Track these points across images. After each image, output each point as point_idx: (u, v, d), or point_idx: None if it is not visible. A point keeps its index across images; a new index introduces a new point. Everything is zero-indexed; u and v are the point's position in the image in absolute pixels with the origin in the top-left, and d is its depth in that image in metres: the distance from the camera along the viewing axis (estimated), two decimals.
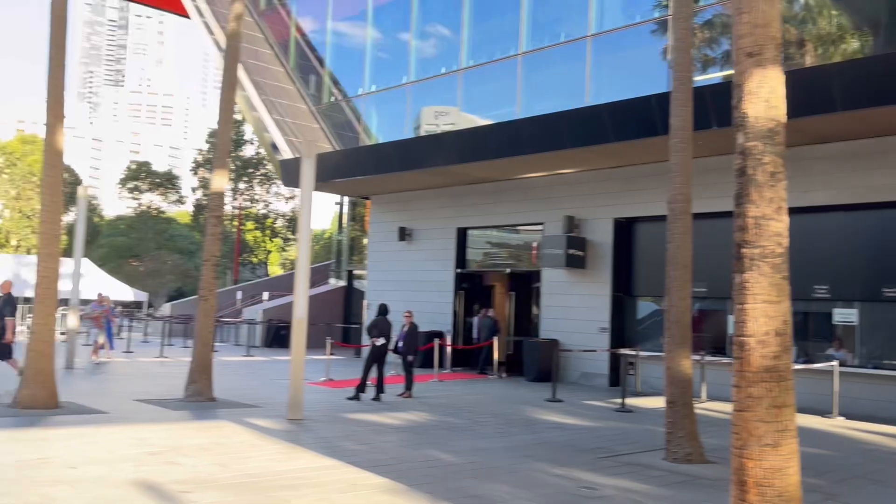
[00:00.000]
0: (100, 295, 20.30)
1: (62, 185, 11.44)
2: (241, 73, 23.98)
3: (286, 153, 23.82)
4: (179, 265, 50.11)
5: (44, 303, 11.01)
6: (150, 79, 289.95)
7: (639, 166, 16.88)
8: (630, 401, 14.06)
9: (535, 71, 19.15)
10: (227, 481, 7.00)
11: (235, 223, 52.68)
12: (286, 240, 55.41)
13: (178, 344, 26.88)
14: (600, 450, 9.50)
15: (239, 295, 35.98)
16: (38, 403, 10.70)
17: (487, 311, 20.32)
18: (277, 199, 54.44)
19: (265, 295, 34.28)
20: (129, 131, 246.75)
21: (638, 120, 14.72)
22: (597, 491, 7.29)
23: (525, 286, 20.53)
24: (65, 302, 32.95)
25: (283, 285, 38.51)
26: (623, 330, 17.61)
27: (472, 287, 21.84)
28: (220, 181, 13.27)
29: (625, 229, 17.72)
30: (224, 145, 13.45)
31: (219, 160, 13.32)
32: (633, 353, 15.98)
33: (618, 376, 17.28)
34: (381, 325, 13.85)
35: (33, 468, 7.16)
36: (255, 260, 55.89)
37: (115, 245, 49.49)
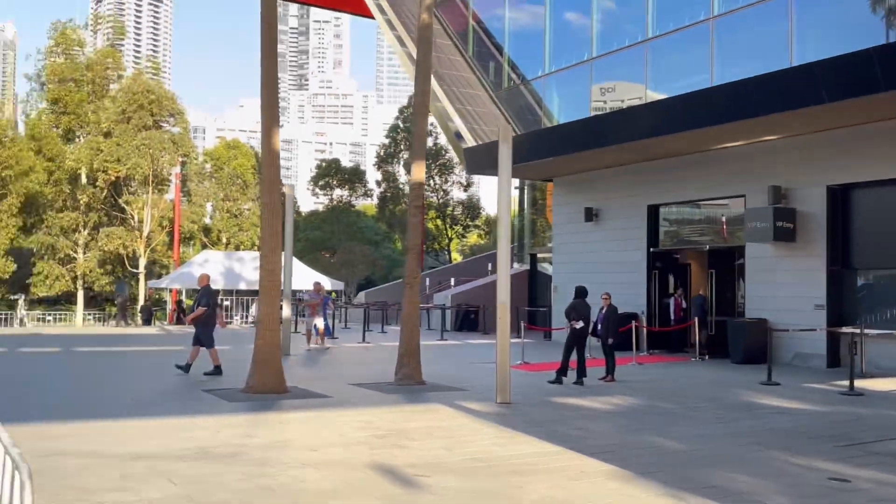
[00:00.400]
0: (317, 284, 21.17)
1: (279, 184, 12.19)
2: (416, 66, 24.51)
3: (469, 142, 24.09)
4: (368, 255, 52.48)
5: (269, 294, 11.83)
6: (330, 81, 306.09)
7: (854, 127, 15.39)
8: (858, 383, 12.90)
9: (729, 34, 18.00)
10: (457, 465, 7.14)
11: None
12: (465, 227, 56.36)
13: (376, 330, 28.12)
14: (838, 437, 8.75)
15: (427, 281, 37.07)
16: (269, 388, 11.54)
17: (683, 291, 19.48)
18: (456, 188, 55.44)
19: (452, 280, 35.05)
20: (313, 132, 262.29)
21: (855, 77, 13.39)
22: (850, 483, 6.69)
23: (725, 263, 19.43)
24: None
25: (469, 271, 39.23)
26: (841, 306, 16.20)
27: (665, 266, 21.02)
28: (419, 171, 13.60)
29: (840, 197, 16.24)
30: (421, 135, 13.77)
31: (417, 151, 13.66)
32: (856, 331, 14.64)
33: (836, 357, 15.95)
34: (580, 308, 13.64)
35: (278, 450, 7.70)
36: (437, 248, 57.36)
37: (310, 239, 52.66)
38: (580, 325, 13.41)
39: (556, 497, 6.13)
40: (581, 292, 13.84)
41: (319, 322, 19.50)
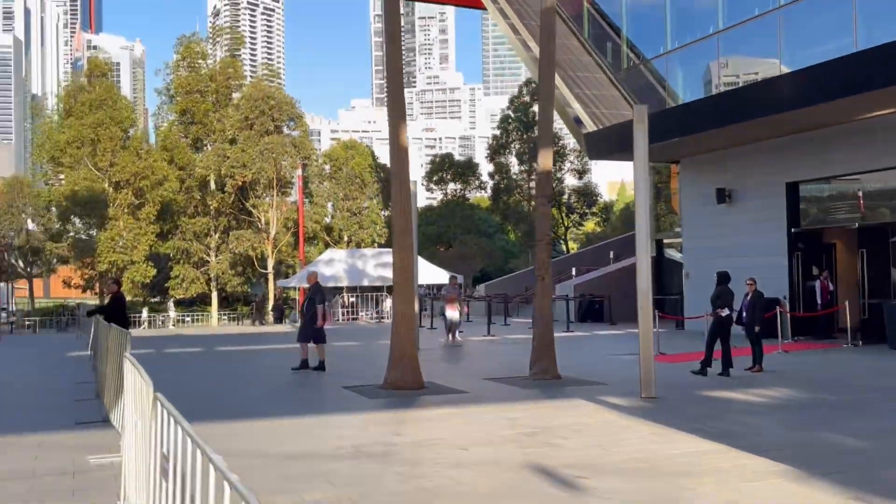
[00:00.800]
0: (453, 278, 21.02)
1: (409, 180, 12.13)
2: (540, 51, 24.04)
3: (589, 126, 23.45)
4: (484, 247, 52.47)
5: (402, 291, 11.81)
6: (437, 76, 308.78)
7: None
8: None
9: None
10: (616, 466, 6.79)
11: (533, 203, 53.77)
12: (582, 215, 55.36)
13: (498, 322, 27.96)
14: None
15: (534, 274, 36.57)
16: (407, 385, 11.53)
17: (829, 273, 18.20)
18: (570, 176, 54.53)
19: (573, 271, 34.39)
20: (422, 128, 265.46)
21: None
22: None
23: (878, 241, 17.98)
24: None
25: (588, 260, 38.43)
26: None
27: (808, 247, 19.70)
28: (547, 160, 13.24)
29: None
30: (547, 123, 13.39)
31: (544, 138, 13.31)
32: None
33: None
34: (725, 295, 12.90)
35: (428, 449, 7.58)
36: (553, 237, 56.75)
37: (427, 233, 53.18)
38: (726, 312, 12.69)
39: (737, 501, 5.68)
40: (724, 278, 13.09)
41: (455, 315, 19.26)
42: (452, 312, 19.36)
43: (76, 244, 43.90)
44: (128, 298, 44.97)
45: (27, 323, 35.07)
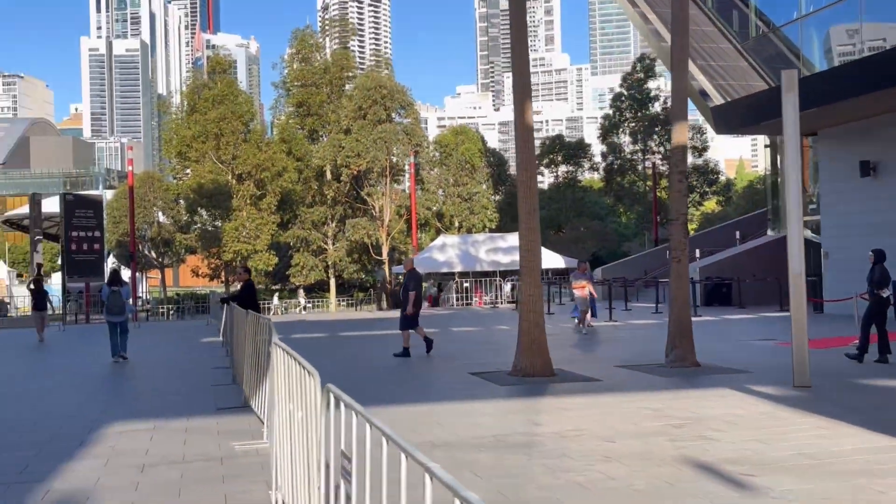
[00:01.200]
0: (581, 263, 20.24)
1: (535, 160, 11.74)
2: (660, 25, 23.06)
3: (716, 99, 22.24)
4: (597, 230, 51.27)
5: (530, 274, 11.47)
6: (542, 58, 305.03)
7: None
8: None
9: None
10: (784, 462, 6.22)
11: (649, 183, 52.06)
12: (702, 194, 53.08)
13: (619, 307, 27.13)
14: None
15: (667, 255, 35.26)
16: (537, 371, 11.20)
17: None
18: (689, 153, 52.42)
19: (697, 252, 32.98)
20: None
21: None
22: None
23: None
24: (511, 273, 35.71)
25: (711, 241, 36.78)
26: None
27: None
28: (682, 134, 12.51)
29: None
30: (682, 94, 12.62)
31: (678, 111, 12.58)
32: None
33: None
34: (882, 274, 11.83)
35: (572, 440, 7.23)
36: (670, 218, 54.76)
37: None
38: (887, 293, 11.63)
39: None
40: (880, 256, 12.01)
41: (586, 301, 18.68)
42: (582, 298, 18.65)
43: (203, 235, 45.98)
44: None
45: (161, 310, 37.08)
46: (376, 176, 45.62)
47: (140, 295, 40.14)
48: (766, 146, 30.09)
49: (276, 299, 47.65)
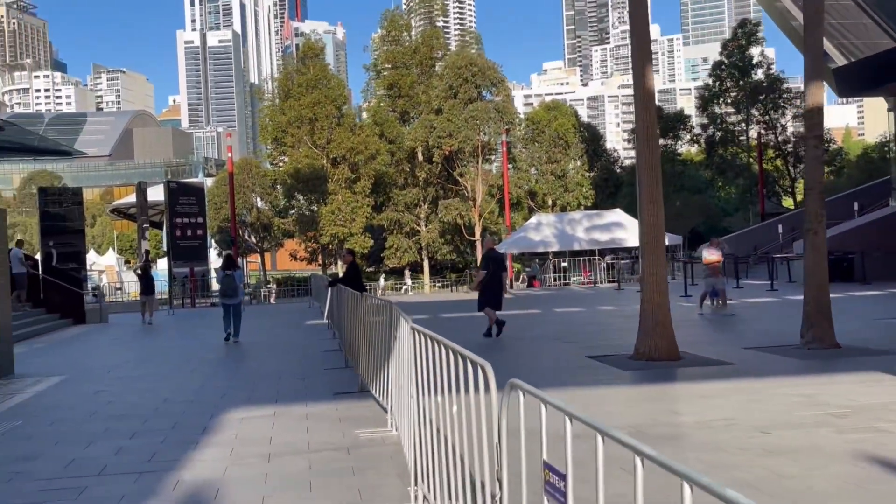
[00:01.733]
0: (714, 239, 18.48)
1: (656, 127, 10.96)
2: None
3: (838, 60, 20.64)
4: (700, 205, 49.24)
5: (653, 251, 10.75)
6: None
7: None
8: None
9: None
10: None
11: (753, 154, 49.64)
12: None
13: (729, 285, 25.78)
14: None
15: (780, 228, 33.44)
16: (661, 355, 10.51)
17: None
18: (800, 122, 49.57)
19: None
20: (617, 85, 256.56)
21: None
22: None
23: None
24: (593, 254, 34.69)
25: (829, 213, 34.64)
26: None
27: None
28: (817, 95, 11.46)
29: None
30: (816, 51, 11.54)
31: (812, 70, 11.50)
32: None
33: None
34: None
35: (723, 431, 6.58)
36: (778, 191, 52.08)
37: (633, 193, 50.97)
38: None
39: None
40: None
41: (720, 281, 17.16)
42: (715, 276, 17.14)
43: (300, 219, 46.76)
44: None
45: (263, 294, 37.90)
46: (468, 156, 45.16)
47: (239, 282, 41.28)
48: (888, 110, 27.94)
49: (382, 280, 47.96)
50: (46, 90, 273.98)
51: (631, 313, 18.55)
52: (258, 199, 50.86)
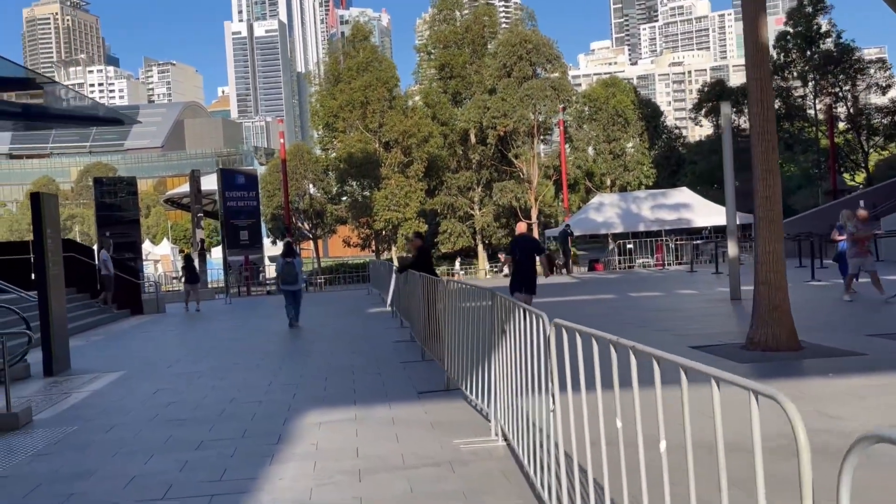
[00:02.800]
0: (861, 209, 15.27)
1: (769, 84, 9.63)
2: None
3: None
4: None
5: (770, 227, 9.47)
6: (680, 6, 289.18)
7: None
8: None
9: None
10: None
11: (823, 128, 47.25)
12: (888, 137, 47.50)
13: (807, 265, 24.16)
14: None
15: (861, 203, 31.38)
16: (780, 345, 9.28)
17: None
18: (872, 93, 46.99)
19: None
20: (667, 63, 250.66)
21: None
22: None
23: None
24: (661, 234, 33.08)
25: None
26: None
27: None
28: None
29: None
30: None
31: None
32: None
33: None
34: None
35: None
36: (851, 164, 49.56)
37: (696, 171, 49.01)
38: None
39: None
40: None
41: (868, 262, 14.38)
42: (864, 256, 14.42)
43: (353, 205, 46.05)
44: (402, 255, 46.57)
45: (319, 281, 37.30)
46: (522, 136, 43.82)
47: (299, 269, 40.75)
48: None
49: (457, 265, 47.01)
50: (100, 84, 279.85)
51: (715, 297, 17.25)
52: (310, 185, 50.34)
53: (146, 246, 78.75)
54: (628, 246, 31.98)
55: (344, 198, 48.49)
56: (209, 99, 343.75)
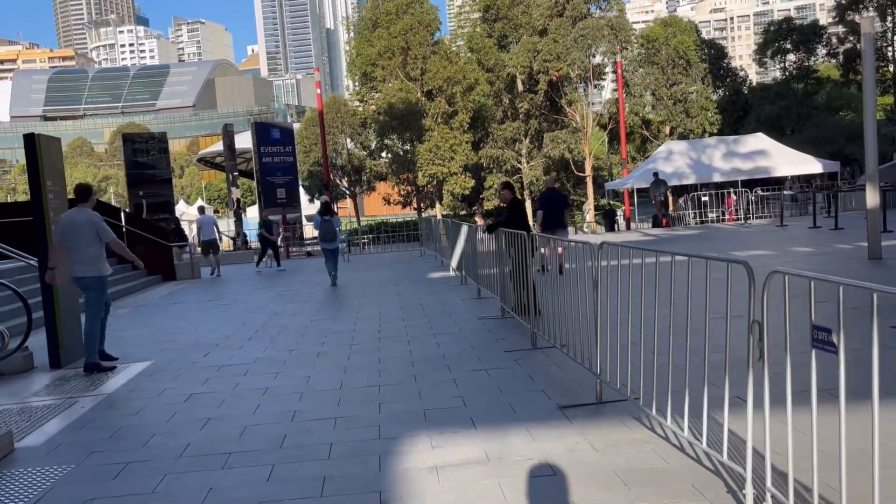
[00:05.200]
0: None
1: None
2: None
3: None
4: (842, 127, 43.39)
5: None
6: None
7: None
8: None
9: None
10: None
11: None
12: None
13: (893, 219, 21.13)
14: None
15: None
16: None
17: None
18: None
19: None
20: (708, 10, 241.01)
21: None
22: None
23: None
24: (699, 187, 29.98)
25: None
26: None
27: None
28: None
29: None
30: None
31: None
32: None
33: None
34: None
35: None
36: None
37: (761, 117, 45.41)
38: None
39: None
40: None
41: None
42: None
43: (395, 159, 43.40)
44: (446, 212, 43.99)
45: (362, 242, 34.96)
46: (575, 82, 40.57)
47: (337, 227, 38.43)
48: None
49: (591, 214, 44.04)
50: (131, 45, 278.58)
51: (845, 256, 14.46)
52: (348, 140, 47.77)
53: (180, 206, 77.27)
54: (703, 198, 29.00)
55: (384, 153, 45.83)
56: (239, 58, 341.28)
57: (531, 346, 7.80)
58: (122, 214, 19.89)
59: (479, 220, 16.39)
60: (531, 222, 16.88)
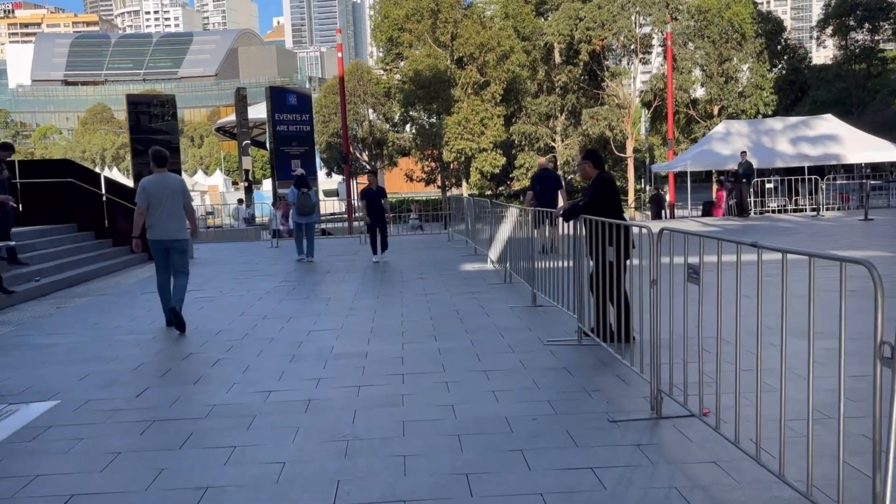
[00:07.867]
0: None
1: None
2: None
3: None
4: None
5: None
6: None
7: None
8: None
9: None
10: None
11: None
12: None
13: None
14: None
15: None
16: None
17: None
18: None
19: None
20: None
21: None
22: None
23: None
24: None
25: None
26: None
27: None
28: None
29: None
30: None
31: None
32: None
33: None
34: None
35: None
36: None
37: (819, 99, 41.80)
38: None
39: None
40: None
41: None
42: None
43: (420, 132, 40.20)
44: (473, 192, 40.88)
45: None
46: (619, 53, 37.17)
47: (354, 203, 35.44)
48: None
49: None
50: (156, 12, 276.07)
51: None
52: (370, 110, 44.66)
53: (198, 176, 74.62)
54: (768, 185, 25.71)
55: (408, 125, 42.67)
56: (264, 29, 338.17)
57: (652, 412, 4.80)
58: (103, 180, 17.05)
59: (530, 199, 13.52)
60: (560, 200, 14.40)
